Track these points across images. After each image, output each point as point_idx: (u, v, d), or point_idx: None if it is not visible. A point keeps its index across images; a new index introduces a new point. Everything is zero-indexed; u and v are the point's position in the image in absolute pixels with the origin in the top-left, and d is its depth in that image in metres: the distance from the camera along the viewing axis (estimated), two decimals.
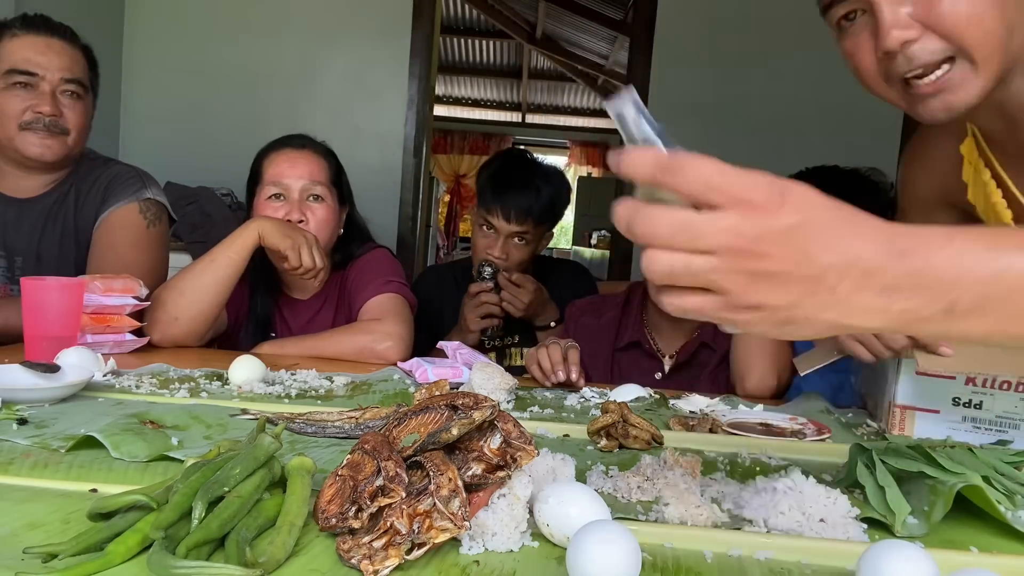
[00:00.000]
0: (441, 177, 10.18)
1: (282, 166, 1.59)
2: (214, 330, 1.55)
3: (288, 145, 1.63)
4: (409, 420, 0.68)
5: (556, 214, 1.91)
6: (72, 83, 1.55)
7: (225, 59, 3.53)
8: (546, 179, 1.87)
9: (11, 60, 1.51)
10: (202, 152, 3.39)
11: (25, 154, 1.53)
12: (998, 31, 0.79)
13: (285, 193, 1.58)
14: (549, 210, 1.86)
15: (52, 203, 1.60)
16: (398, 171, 3.51)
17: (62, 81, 1.54)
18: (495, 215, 1.83)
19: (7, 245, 1.57)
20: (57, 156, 1.55)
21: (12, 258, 1.57)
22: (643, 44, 3.47)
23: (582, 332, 1.67)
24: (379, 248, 1.73)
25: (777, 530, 0.68)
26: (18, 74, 1.50)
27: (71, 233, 1.60)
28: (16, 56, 1.51)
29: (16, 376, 1.03)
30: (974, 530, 0.73)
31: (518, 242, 1.86)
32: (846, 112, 3.33)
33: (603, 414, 0.97)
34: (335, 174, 1.65)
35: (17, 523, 0.62)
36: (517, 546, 0.62)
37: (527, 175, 1.85)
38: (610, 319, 1.67)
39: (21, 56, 1.51)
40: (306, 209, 1.57)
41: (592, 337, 1.64)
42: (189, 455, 0.77)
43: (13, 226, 1.57)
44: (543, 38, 8.04)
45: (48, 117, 1.52)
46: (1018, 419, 1.00)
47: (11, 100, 1.50)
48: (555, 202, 1.87)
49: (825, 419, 1.13)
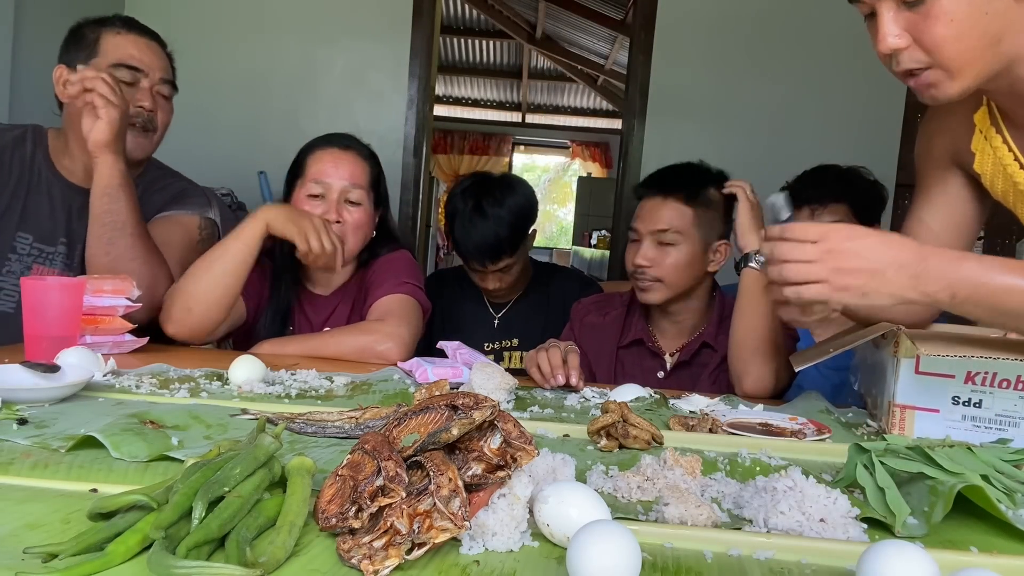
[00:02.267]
0: (441, 177, 10.18)
1: (326, 165, 1.60)
2: (231, 323, 1.55)
3: (334, 144, 1.64)
4: (409, 420, 0.68)
5: (527, 223, 1.93)
6: (167, 84, 1.63)
7: (225, 59, 3.52)
8: (499, 204, 1.87)
9: (117, 55, 1.55)
10: (202, 152, 3.39)
11: None
12: (976, 46, 0.94)
13: (325, 192, 1.59)
14: (518, 231, 1.90)
15: None
16: (398, 171, 3.51)
17: (161, 80, 1.60)
18: (474, 264, 1.92)
19: (69, 233, 1.59)
20: (145, 153, 1.62)
21: (73, 246, 1.59)
22: (643, 44, 3.47)
23: (587, 330, 1.68)
24: (401, 249, 1.73)
25: (777, 530, 0.68)
26: (126, 69, 1.55)
27: None
28: (122, 52, 1.56)
29: (16, 376, 1.03)
30: (974, 530, 0.73)
31: (505, 272, 1.93)
32: (845, 112, 3.34)
33: (603, 414, 0.97)
34: (375, 177, 1.66)
35: (17, 523, 0.62)
36: (517, 546, 0.62)
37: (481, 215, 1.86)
38: (614, 317, 1.68)
39: (127, 52, 1.56)
40: (343, 211, 1.59)
41: (596, 335, 1.66)
42: (189, 455, 0.77)
43: (77, 215, 1.59)
44: (543, 38, 8.05)
45: (148, 112, 1.58)
46: (1018, 417, 1.00)
47: None
48: (518, 222, 1.89)
49: (825, 419, 1.13)
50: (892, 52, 0.97)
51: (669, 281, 1.55)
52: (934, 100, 1.01)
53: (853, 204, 1.80)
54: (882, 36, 0.96)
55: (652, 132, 3.45)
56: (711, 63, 3.47)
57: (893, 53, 0.97)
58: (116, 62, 1.54)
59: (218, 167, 3.22)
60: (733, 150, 3.45)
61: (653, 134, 3.45)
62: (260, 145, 3.40)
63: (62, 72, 1.54)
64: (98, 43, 1.55)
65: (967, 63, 0.95)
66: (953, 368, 1.02)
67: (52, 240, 1.58)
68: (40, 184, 1.59)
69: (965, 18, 0.93)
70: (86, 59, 1.54)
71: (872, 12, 0.98)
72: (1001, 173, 1.10)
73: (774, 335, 1.42)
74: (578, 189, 10.26)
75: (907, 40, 0.96)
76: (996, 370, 1.01)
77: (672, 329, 1.64)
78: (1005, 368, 1.00)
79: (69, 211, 1.59)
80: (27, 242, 1.56)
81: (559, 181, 13.91)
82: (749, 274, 1.45)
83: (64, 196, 1.60)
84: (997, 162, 1.10)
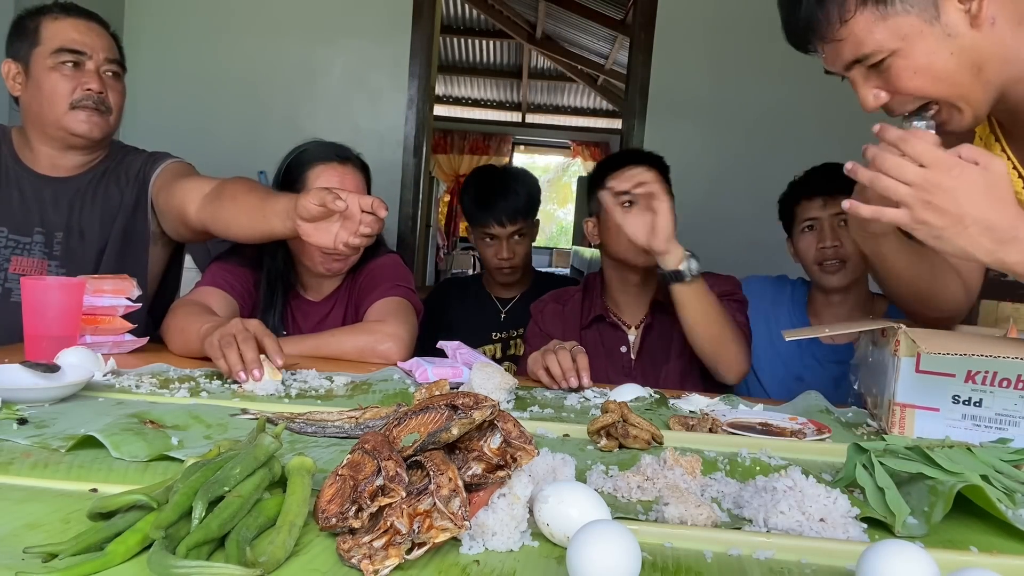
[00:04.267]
0: (441, 177, 10.18)
1: (333, 181, 1.55)
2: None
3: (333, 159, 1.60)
4: (409, 420, 0.68)
5: (536, 205, 2.19)
6: (114, 63, 1.63)
7: (225, 59, 3.52)
8: (517, 180, 2.17)
9: (59, 40, 1.56)
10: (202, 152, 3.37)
11: (73, 132, 1.58)
12: (959, 82, 0.99)
13: None
14: (531, 203, 2.17)
15: (88, 181, 1.65)
16: (398, 171, 3.51)
17: (106, 60, 1.60)
18: (492, 226, 2.12)
19: (44, 222, 1.61)
20: (103, 133, 1.62)
21: (52, 234, 1.61)
22: (643, 44, 3.47)
23: (548, 318, 1.71)
24: (391, 254, 1.74)
25: (777, 530, 0.68)
26: (68, 53, 1.55)
27: (115, 205, 1.65)
28: (63, 36, 1.56)
29: (16, 376, 1.03)
30: (974, 530, 0.73)
31: (519, 239, 2.14)
32: (845, 112, 3.32)
33: (603, 414, 0.97)
34: (367, 190, 1.65)
35: (17, 523, 0.62)
36: (517, 546, 0.62)
37: (503, 183, 2.15)
38: (573, 304, 1.72)
39: (68, 36, 1.57)
40: None
41: (559, 321, 1.69)
42: (189, 455, 0.77)
43: (51, 204, 1.62)
44: (543, 38, 8.04)
45: (97, 95, 1.57)
46: (1018, 416, 1.00)
47: (61, 80, 1.55)
48: (532, 196, 2.17)
49: (825, 419, 1.13)
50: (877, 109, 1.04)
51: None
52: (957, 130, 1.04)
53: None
54: (862, 99, 1.04)
55: (652, 132, 3.45)
56: (711, 63, 3.47)
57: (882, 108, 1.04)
58: (58, 47, 1.55)
59: (218, 167, 3.21)
60: (733, 150, 3.45)
61: (653, 134, 3.45)
62: (260, 145, 3.39)
63: (10, 67, 1.58)
64: (38, 31, 1.57)
65: (960, 96, 1.00)
66: (953, 367, 1.02)
67: (27, 231, 1.60)
68: (8, 178, 1.62)
69: (927, 66, 0.98)
70: (29, 48, 1.56)
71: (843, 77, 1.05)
72: None
73: (726, 327, 1.45)
74: (578, 189, 10.25)
75: (886, 95, 1.02)
76: (996, 369, 1.01)
77: (630, 302, 1.67)
78: (1005, 367, 1.00)
79: (42, 201, 1.62)
80: (2, 235, 1.58)
81: (559, 181, 13.91)
82: (682, 290, 1.41)
83: (34, 187, 1.62)
84: None
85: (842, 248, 1.77)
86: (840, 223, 1.81)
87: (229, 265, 1.63)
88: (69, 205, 1.62)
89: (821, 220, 1.81)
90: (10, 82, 1.59)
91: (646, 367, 1.62)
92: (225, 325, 1.23)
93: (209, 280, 1.59)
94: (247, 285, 1.61)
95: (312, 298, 1.69)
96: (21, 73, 1.59)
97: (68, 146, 1.61)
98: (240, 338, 1.18)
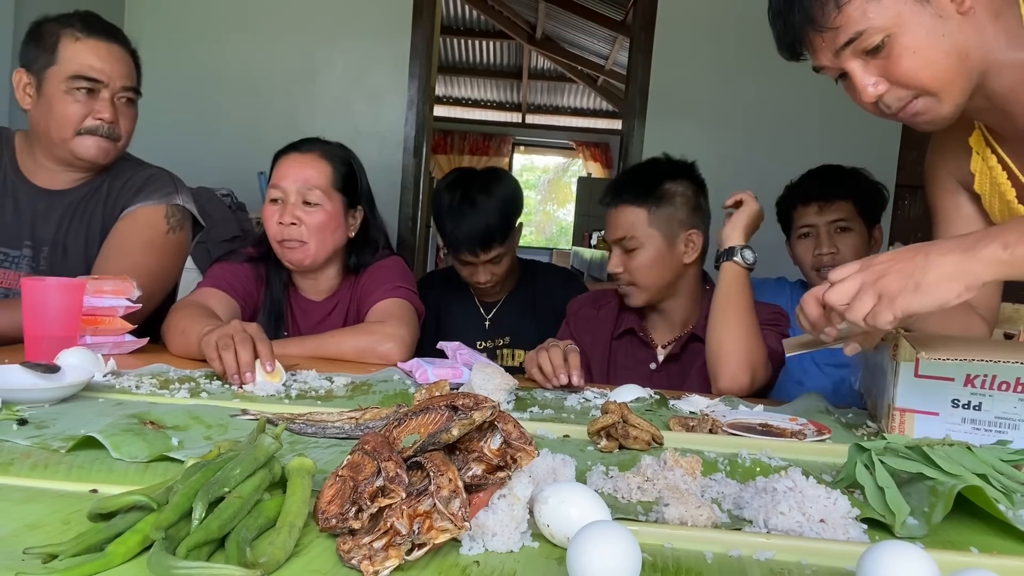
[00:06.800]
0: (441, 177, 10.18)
1: (282, 170, 1.61)
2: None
3: (295, 149, 1.64)
4: (409, 421, 0.68)
5: (514, 216, 1.94)
6: (129, 90, 1.59)
7: (225, 59, 3.53)
8: (487, 193, 1.88)
9: (76, 65, 1.51)
10: (202, 152, 3.39)
11: (81, 156, 1.55)
12: (947, 66, 1.00)
13: (283, 197, 1.59)
14: (506, 222, 1.90)
15: (81, 197, 1.61)
16: (398, 171, 3.51)
17: (122, 88, 1.56)
18: (465, 255, 1.89)
19: (34, 236, 1.58)
20: (109, 159, 1.59)
21: (39, 248, 1.58)
22: (643, 44, 3.47)
23: (582, 323, 1.71)
24: (394, 256, 1.75)
25: (777, 530, 0.68)
26: (84, 80, 1.51)
27: (97, 228, 1.61)
28: (81, 61, 1.51)
29: (16, 376, 1.03)
30: (974, 530, 0.73)
31: (496, 263, 1.92)
32: (845, 112, 3.32)
33: (603, 414, 0.97)
34: (340, 178, 1.63)
35: (17, 524, 0.62)
36: (517, 547, 0.62)
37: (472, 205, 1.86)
38: (608, 310, 1.71)
39: (86, 63, 1.52)
40: (300, 212, 1.57)
41: (591, 327, 1.69)
42: (189, 455, 0.76)
43: (42, 217, 1.58)
44: (543, 38, 8.05)
45: (108, 124, 1.54)
46: (1017, 420, 1.00)
47: (72, 105, 1.51)
48: (507, 211, 1.90)
49: (825, 419, 1.13)
50: (876, 99, 1.03)
51: (642, 283, 1.58)
52: (931, 126, 1.06)
53: (857, 202, 1.82)
54: (861, 89, 1.03)
55: (652, 132, 3.46)
56: (711, 63, 3.47)
57: (878, 100, 1.03)
58: (75, 73, 1.51)
59: (218, 167, 3.22)
60: (733, 150, 3.45)
61: (653, 134, 3.45)
62: (260, 145, 3.38)
63: (21, 76, 1.54)
64: (56, 49, 1.51)
65: (947, 83, 1.01)
66: (952, 371, 1.02)
67: (16, 244, 1.57)
68: (5, 187, 1.58)
69: (926, 46, 0.99)
70: (45, 64, 1.51)
71: (843, 73, 1.05)
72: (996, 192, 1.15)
73: (752, 333, 1.40)
74: (578, 189, 10.26)
75: (885, 84, 1.02)
76: (995, 373, 1.01)
77: (663, 323, 1.66)
78: (1004, 371, 1.00)
79: (34, 214, 1.58)
80: None
81: (559, 181, 13.90)
82: (730, 268, 1.42)
83: (29, 199, 1.59)
84: (993, 181, 1.15)
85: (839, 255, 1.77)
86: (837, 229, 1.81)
87: (230, 266, 1.64)
88: (59, 219, 1.59)
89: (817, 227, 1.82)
90: (20, 92, 1.55)
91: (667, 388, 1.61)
92: (224, 327, 1.23)
93: (210, 281, 1.59)
94: (248, 286, 1.62)
95: (313, 298, 1.69)
96: (32, 86, 1.54)
97: (71, 165, 1.58)
98: (237, 339, 1.18)
